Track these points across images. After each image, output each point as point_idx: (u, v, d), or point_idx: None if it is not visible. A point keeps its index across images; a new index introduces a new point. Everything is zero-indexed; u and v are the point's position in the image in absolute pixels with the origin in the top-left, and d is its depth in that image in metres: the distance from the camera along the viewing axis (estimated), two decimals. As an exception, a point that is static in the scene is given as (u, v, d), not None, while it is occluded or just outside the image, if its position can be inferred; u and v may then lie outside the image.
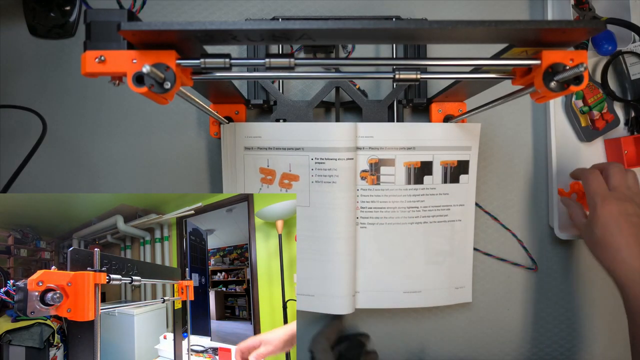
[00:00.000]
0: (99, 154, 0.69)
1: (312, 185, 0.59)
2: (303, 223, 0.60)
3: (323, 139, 0.58)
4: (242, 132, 0.59)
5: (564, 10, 0.66)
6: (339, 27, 0.33)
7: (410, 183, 0.61)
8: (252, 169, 0.60)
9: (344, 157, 0.58)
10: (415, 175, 0.61)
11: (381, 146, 0.60)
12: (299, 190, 0.60)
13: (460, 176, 0.63)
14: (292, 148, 0.59)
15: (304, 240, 0.61)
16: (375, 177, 0.60)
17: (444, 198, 0.63)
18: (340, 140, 0.58)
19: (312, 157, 0.59)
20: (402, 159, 0.60)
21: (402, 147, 0.60)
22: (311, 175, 0.59)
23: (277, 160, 0.60)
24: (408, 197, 0.61)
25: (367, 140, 0.60)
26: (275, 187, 0.60)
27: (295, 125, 0.60)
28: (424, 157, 0.61)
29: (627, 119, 0.70)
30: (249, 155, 0.60)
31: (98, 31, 0.35)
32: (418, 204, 0.61)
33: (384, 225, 0.62)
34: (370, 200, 0.61)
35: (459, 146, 0.62)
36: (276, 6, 0.69)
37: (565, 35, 0.35)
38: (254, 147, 0.60)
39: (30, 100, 0.68)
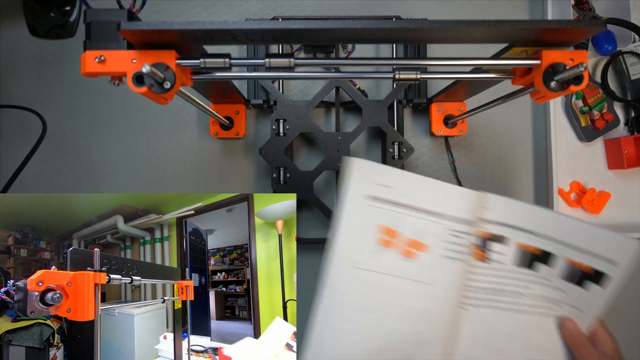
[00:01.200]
0: (99, 154, 0.69)
1: (442, 259, 0.49)
2: (417, 302, 0.49)
3: (461, 207, 0.49)
4: (374, 176, 0.48)
5: (564, 10, 0.66)
6: (339, 27, 0.33)
7: (521, 267, 0.52)
8: (370, 222, 0.48)
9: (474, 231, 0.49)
10: (529, 259, 0.51)
11: (497, 221, 0.50)
12: (424, 264, 0.49)
13: (590, 284, 0.51)
14: (429, 212, 0.49)
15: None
16: (484, 254, 0.51)
17: (558, 293, 0.52)
18: (468, 212, 0.49)
19: (449, 226, 0.49)
20: (517, 239, 0.51)
21: (520, 227, 0.51)
22: (442, 248, 0.49)
23: (405, 221, 0.48)
24: (514, 280, 0.52)
25: (487, 212, 0.51)
26: (392, 251, 0.49)
27: (442, 185, 0.49)
28: (546, 247, 0.51)
29: (627, 119, 0.70)
30: (371, 207, 0.48)
31: (98, 31, 0.35)
32: (524, 290, 0.52)
33: (488, 309, 0.52)
34: (474, 279, 0.51)
35: (601, 255, 0.51)
36: (276, 6, 0.69)
37: (565, 35, 0.35)
38: (382, 198, 0.48)
39: (30, 100, 0.68)
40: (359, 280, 0.48)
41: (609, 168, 0.70)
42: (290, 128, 0.63)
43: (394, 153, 0.64)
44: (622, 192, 0.70)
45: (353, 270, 0.48)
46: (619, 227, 0.69)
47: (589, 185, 0.70)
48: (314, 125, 0.64)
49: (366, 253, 0.48)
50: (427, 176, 0.54)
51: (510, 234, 0.50)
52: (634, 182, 0.70)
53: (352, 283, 0.48)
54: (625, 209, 0.70)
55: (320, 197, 0.69)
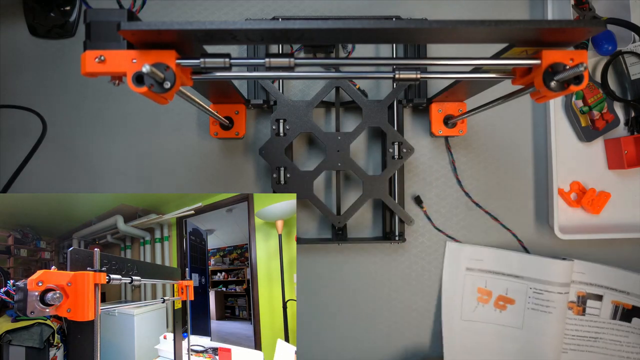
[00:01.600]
0: (99, 154, 0.69)
1: (527, 311, 0.66)
2: (513, 344, 0.67)
3: (542, 271, 0.66)
4: (466, 254, 0.68)
5: (564, 10, 0.66)
6: (339, 27, 0.33)
7: (616, 319, 0.67)
8: (470, 287, 0.68)
9: (561, 290, 0.65)
10: (622, 313, 0.67)
11: (591, 282, 0.67)
12: (514, 313, 0.67)
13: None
14: (512, 275, 0.67)
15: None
16: (581, 309, 0.67)
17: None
18: (559, 276, 0.65)
19: (531, 286, 0.66)
20: (611, 297, 0.67)
21: (613, 288, 0.67)
22: (527, 302, 0.66)
23: (495, 283, 0.67)
24: (611, 330, 0.67)
25: (578, 275, 0.67)
26: (490, 306, 0.68)
27: (516, 255, 0.67)
28: (637, 303, 0.67)
29: (627, 119, 0.70)
30: (469, 275, 0.68)
31: (98, 31, 0.35)
32: (622, 339, 0.67)
33: (585, 353, 0.68)
34: (574, 329, 0.67)
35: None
36: (276, 6, 0.69)
37: (565, 35, 0.35)
38: (475, 268, 0.68)
39: (30, 100, 0.68)
40: (467, 329, 0.68)
41: (609, 168, 0.70)
42: (290, 128, 0.63)
43: (394, 153, 0.64)
44: (622, 192, 0.70)
45: (463, 323, 0.68)
46: (619, 227, 0.69)
47: (589, 185, 0.70)
48: (314, 125, 0.64)
49: (471, 308, 0.68)
50: (428, 176, 0.62)
51: (605, 292, 0.67)
52: (634, 182, 0.70)
53: (461, 332, 0.68)
54: (625, 209, 0.70)
55: (320, 197, 0.69)
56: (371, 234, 0.70)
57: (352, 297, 0.70)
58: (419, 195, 0.69)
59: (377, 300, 0.70)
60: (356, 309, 0.70)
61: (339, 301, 0.70)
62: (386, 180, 0.64)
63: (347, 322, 0.70)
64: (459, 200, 0.70)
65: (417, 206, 0.69)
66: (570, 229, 0.68)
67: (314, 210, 0.69)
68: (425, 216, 0.70)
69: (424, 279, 0.70)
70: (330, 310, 0.70)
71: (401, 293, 0.70)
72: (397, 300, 0.70)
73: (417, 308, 0.70)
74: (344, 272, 0.70)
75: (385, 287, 0.70)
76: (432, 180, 0.70)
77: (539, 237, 0.70)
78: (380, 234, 0.69)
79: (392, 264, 0.70)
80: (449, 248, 0.69)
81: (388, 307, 0.70)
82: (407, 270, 0.70)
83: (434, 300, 0.70)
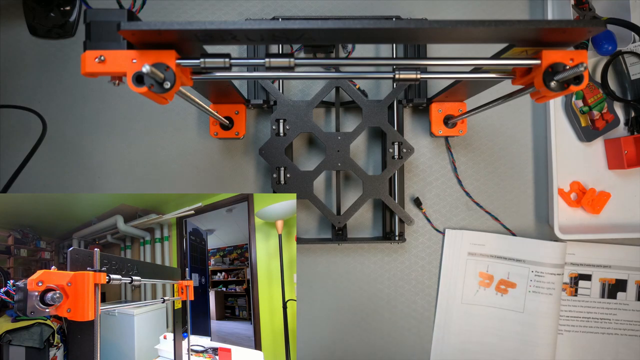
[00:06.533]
0: (99, 154, 0.69)
1: (528, 294, 0.68)
2: (513, 326, 0.69)
3: (542, 254, 0.68)
4: (468, 239, 0.69)
5: (564, 10, 0.66)
6: (339, 27, 0.33)
7: (604, 297, 0.70)
8: (471, 271, 0.69)
9: (559, 272, 0.68)
10: (609, 290, 0.70)
11: (581, 262, 0.70)
12: (515, 296, 0.68)
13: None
14: (513, 259, 0.68)
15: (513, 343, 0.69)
16: (573, 290, 0.70)
17: (637, 314, 0.69)
18: (556, 257, 0.68)
19: (533, 269, 0.68)
20: (598, 275, 0.70)
21: (599, 264, 0.70)
22: (529, 285, 0.68)
23: (497, 268, 0.69)
24: (601, 309, 0.70)
25: (570, 257, 0.70)
26: (491, 290, 0.69)
27: (518, 240, 0.69)
28: (619, 276, 0.70)
29: (627, 119, 0.70)
30: (471, 260, 0.69)
31: (98, 31, 0.35)
32: (610, 317, 0.70)
33: (579, 334, 0.70)
34: (567, 310, 0.70)
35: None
36: (276, 6, 0.69)
37: (565, 35, 0.35)
38: (477, 253, 0.69)
39: (30, 100, 0.68)
40: (467, 313, 0.69)
41: (609, 168, 0.70)
42: (290, 128, 0.63)
43: (394, 153, 0.64)
44: (622, 192, 0.70)
45: (463, 306, 0.69)
46: (618, 227, 0.69)
47: (589, 185, 0.70)
48: (314, 125, 0.64)
49: (472, 292, 0.69)
50: (427, 176, 0.62)
51: (592, 271, 0.69)
52: (634, 182, 0.70)
53: (461, 316, 0.69)
54: (625, 209, 0.70)
55: (320, 197, 0.69)
56: (371, 234, 0.70)
57: (352, 297, 0.70)
58: (418, 197, 0.69)
59: (377, 300, 0.70)
60: (356, 309, 0.70)
61: (339, 301, 0.70)
62: (386, 180, 0.64)
63: (347, 322, 0.70)
64: (459, 200, 0.70)
65: (416, 207, 0.70)
66: (570, 229, 0.68)
67: (314, 210, 0.69)
68: (425, 217, 0.70)
69: (424, 279, 0.70)
70: (330, 310, 0.70)
71: (401, 293, 0.70)
72: (397, 300, 0.70)
73: (417, 308, 0.70)
74: (344, 272, 0.70)
75: (385, 287, 0.70)
76: (432, 180, 0.70)
77: (539, 237, 0.70)
78: (380, 234, 0.69)
79: (392, 264, 0.70)
80: (448, 234, 0.69)
81: (388, 307, 0.70)
82: (407, 270, 0.70)
83: (434, 300, 0.70)
